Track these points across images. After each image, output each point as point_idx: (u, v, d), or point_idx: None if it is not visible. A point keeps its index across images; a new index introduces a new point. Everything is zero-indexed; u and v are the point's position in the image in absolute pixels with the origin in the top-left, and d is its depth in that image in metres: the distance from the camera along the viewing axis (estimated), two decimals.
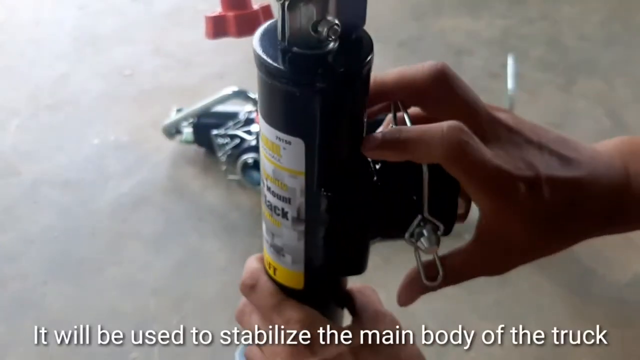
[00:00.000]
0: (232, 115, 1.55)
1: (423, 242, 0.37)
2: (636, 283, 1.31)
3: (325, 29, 0.31)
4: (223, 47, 2.03)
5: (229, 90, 1.54)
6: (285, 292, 0.41)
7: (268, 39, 0.34)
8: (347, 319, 0.43)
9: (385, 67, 0.37)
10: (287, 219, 0.38)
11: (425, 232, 0.37)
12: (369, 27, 0.34)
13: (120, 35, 2.14)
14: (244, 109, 1.56)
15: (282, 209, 0.37)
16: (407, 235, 0.38)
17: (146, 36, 2.13)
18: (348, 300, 0.45)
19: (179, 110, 1.62)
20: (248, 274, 0.42)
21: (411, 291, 0.39)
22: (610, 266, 1.35)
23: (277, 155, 0.35)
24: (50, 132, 1.73)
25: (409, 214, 0.37)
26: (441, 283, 0.38)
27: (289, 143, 0.34)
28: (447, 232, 0.38)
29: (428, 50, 2.04)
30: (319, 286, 0.42)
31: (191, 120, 1.59)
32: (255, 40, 0.34)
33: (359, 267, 0.41)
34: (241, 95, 1.54)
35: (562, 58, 2.02)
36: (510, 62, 1.61)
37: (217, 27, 0.84)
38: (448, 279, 0.38)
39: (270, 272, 0.42)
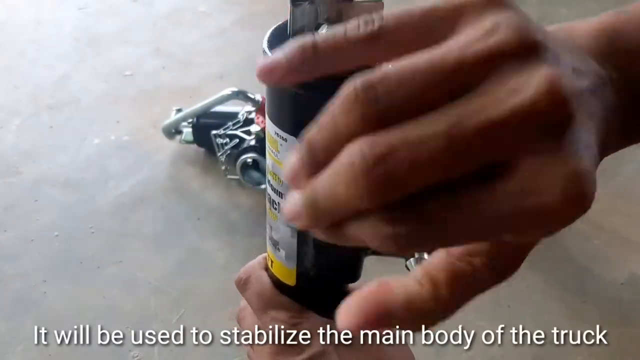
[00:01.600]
0: (232, 116, 1.55)
1: (412, 262, 0.35)
2: (632, 282, 1.32)
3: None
4: (223, 47, 2.05)
5: (229, 90, 1.54)
6: (280, 286, 0.42)
7: (279, 36, 0.34)
8: None
9: None
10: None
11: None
12: None
13: (121, 36, 2.14)
14: (243, 109, 1.56)
15: (278, 203, 0.38)
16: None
17: (146, 37, 2.14)
18: (347, 296, 0.45)
19: (178, 111, 1.63)
20: (243, 269, 0.43)
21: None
22: (606, 265, 1.35)
23: (276, 150, 0.36)
24: (50, 132, 1.74)
25: None
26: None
27: (285, 140, 0.35)
28: None
29: None
30: (311, 286, 0.41)
31: (191, 120, 1.59)
32: (267, 34, 0.34)
33: (351, 276, 0.40)
34: (241, 95, 1.54)
35: None
36: None
37: None
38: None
39: (269, 264, 0.42)
